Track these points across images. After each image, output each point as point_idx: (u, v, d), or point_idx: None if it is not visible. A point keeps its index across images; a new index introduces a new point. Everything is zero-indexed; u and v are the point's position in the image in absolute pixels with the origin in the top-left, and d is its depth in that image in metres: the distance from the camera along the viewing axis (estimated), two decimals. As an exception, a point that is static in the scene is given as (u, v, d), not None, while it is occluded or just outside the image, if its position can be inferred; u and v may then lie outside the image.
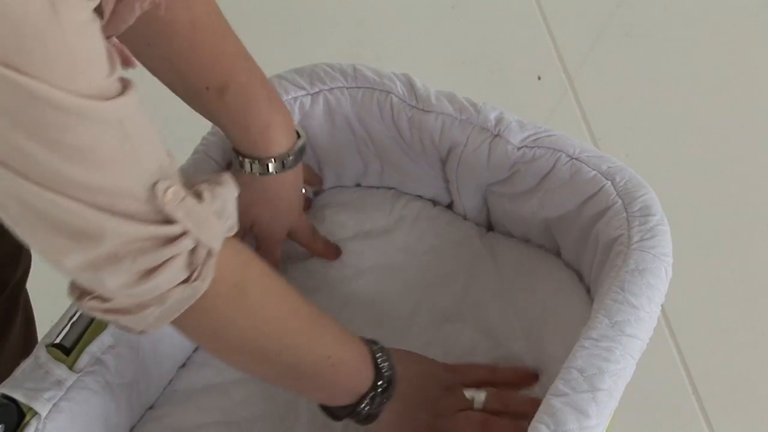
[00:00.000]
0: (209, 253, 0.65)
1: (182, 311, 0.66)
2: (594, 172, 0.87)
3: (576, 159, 0.88)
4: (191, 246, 0.63)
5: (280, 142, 0.87)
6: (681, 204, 1.48)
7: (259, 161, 0.88)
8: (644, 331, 0.79)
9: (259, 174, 0.88)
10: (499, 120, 0.90)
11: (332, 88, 0.93)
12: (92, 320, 0.83)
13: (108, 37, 0.63)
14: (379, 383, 0.81)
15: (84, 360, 0.81)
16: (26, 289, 1.07)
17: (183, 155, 0.92)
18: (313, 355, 0.77)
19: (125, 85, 0.57)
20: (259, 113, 0.86)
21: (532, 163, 0.89)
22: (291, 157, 0.88)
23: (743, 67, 1.69)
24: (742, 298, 1.43)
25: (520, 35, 1.76)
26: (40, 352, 0.80)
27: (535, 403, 0.77)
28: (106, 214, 0.58)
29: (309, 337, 0.77)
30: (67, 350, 0.81)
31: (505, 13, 1.79)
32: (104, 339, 0.82)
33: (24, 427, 0.78)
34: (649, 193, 0.86)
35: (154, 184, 0.60)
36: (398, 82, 0.92)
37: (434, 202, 1.03)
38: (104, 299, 0.64)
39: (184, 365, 0.95)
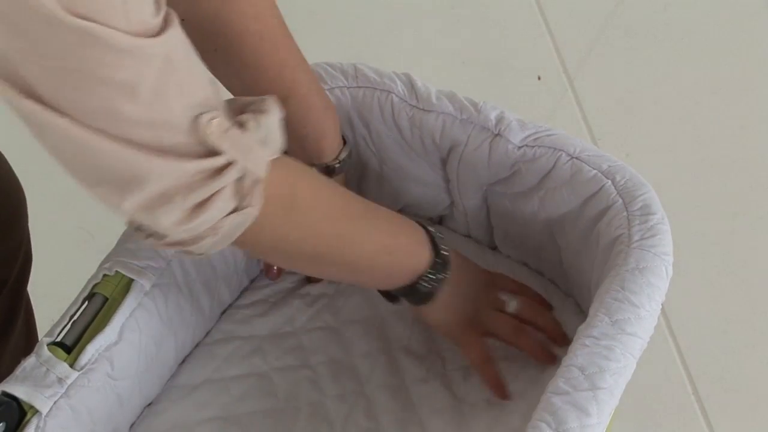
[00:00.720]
0: (256, 181, 0.67)
1: (236, 236, 0.69)
2: (594, 171, 0.87)
3: (576, 158, 0.88)
4: (238, 175, 0.65)
5: (331, 151, 0.91)
6: (681, 203, 1.48)
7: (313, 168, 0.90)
8: (644, 329, 0.79)
9: None
10: (499, 119, 0.90)
11: (333, 88, 0.94)
12: (93, 318, 0.83)
13: None
14: (437, 260, 0.85)
15: (85, 358, 0.81)
16: (27, 290, 1.07)
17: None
18: (370, 248, 0.81)
19: (168, 19, 0.59)
20: (316, 124, 0.88)
21: (532, 163, 0.89)
22: (337, 165, 0.91)
23: (743, 67, 1.69)
24: (742, 298, 1.43)
25: (520, 35, 1.76)
26: (41, 350, 0.81)
27: (559, 326, 0.91)
28: (152, 154, 0.60)
29: (364, 233, 0.81)
30: (68, 348, 0.81)
31: (505, 13, 1.79)
32: (105, 337, 0.83)
33: (25, 425, 0.78)
34: (650, 192, 0.86)
35: (199, 115, 0.62)
36: (399, 82, 0.93)
37: (432, 221, 1.04)
38: (161, 236, 0.66)
39: (184, 361, 0.95)
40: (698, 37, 1.73)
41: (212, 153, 0.63)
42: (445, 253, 0.86)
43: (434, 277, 0.85)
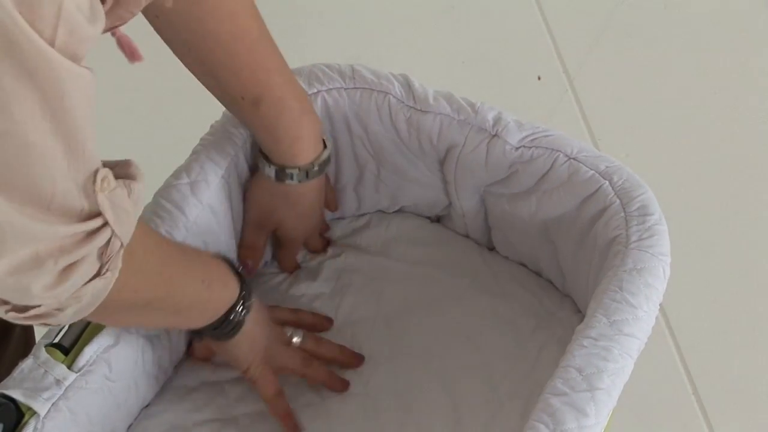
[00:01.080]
0: (120, 246, 0.64)
1: (98, 303, 0.66)
2: (592, 171, 0.87)
3: (574, 159, 0.88)
4: (106, 239, 0.62)
5: (307, 154, 0.91)
6: (681, 204, 1.48)
7: (285, 170, 0.91)
8: (642, 330, 0.79)
9: (285, 182, 0.91)
10: (497, 120, 0.90)
11: (330, 89, 0.93)
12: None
13: (114, 28, 0.62)
14: (244, 287, 0.85)
15: (83, 360, 0.81)
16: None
17: (182, 155, 0.92)
18: (192, 285, 0.80)
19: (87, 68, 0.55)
20: (290, 126, 0.89)
21: (530, 163, 0.89)
22: (316, 168, 0.91)
23: (743, 67, 1.69)
24: (742, 298, 1.43)
25: (520, 35, 1.76)
26: (39, 352, 0.80)
27: (344, 349, 0.94)
28: (35, 215, 0.56)
29: (187, 272, 0.80)
30: (65, 350, 0.81)
31: (505, 13, 1.79)
32: (103, 339, 0.82)
33: (23, 427, 0.78)
34: (647, 192, 0.86)
35: (96, 170, 0.59)
36: (396, 83, 0.92)
37: (430, 219, 1.04)
38: (21, 309, 0.62)
39: (180, 363, 0.95)
40: (698, 37, 1.73)
41: (91, 214, 0.60)
42: (245, 281, 0.86)
43: (243, 306, 0.85)
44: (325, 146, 0.92)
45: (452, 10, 1.79)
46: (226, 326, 0.85)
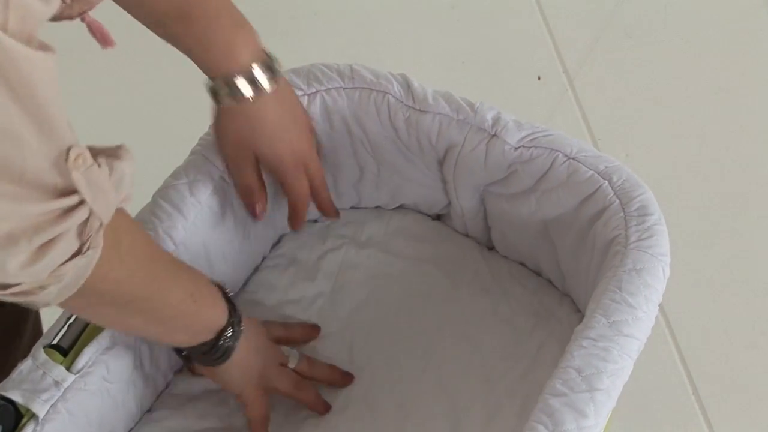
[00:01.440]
0: (100, 225, 0.64)
1: (81, 282, 0.65)
2: (591, 171, 0.87)
3: (573, 159, 0.88)
4: (84, 217, 0.62)
5: (246, 58, 0.84)
6: (680, 204, 1.48)
7: (228, 84, 0.84)
8: (642, 330, 0.79)
9: (237, 98, 0.85)
10: (496, 120, 0.90)
11: (329, 89, 0.93)
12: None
13: (83, 14, 0.62)
14: (234, 313, 0.84)
15: (82, 361, 0.81)
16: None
17: (181, 155, 0.92)
18: (178, 294, 0.78)
19: (46, 46, 0.55)
20: (222, 33, 0.83)
21: (529, 163, 0.89)
22: (261, 73, 0.85)
23: (743, 67, 1.69)
24: (742, 297, 1.43)
25: (520, 35, 1.76)
26: (37, 353, 0.80)
27: (334, 369, 0.94)
28: (5, 193, 0.56)
29: (173, 278, 0.78)
30: (64, 351, 0.81)
31: (505, 13, 1.79)
32: (102, 340, 0.82)
33: (21, 429, 0.78)
34: (647, 192, 0.86)
35: (70, 147, 0.59)
36: (395, 83, 0.92)
37: (431, 218, 1.04)
38: (3, 287, 0.62)
39: (180, 370, 0.95)
40: (698, 36, 1.73)
41: (66, 191, 0.60)
42: (237, 307, 0.85)
43: (234, 331, 0.84)
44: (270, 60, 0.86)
45: (452, 10, 1.79)
46: (215, 351, 0.83)
